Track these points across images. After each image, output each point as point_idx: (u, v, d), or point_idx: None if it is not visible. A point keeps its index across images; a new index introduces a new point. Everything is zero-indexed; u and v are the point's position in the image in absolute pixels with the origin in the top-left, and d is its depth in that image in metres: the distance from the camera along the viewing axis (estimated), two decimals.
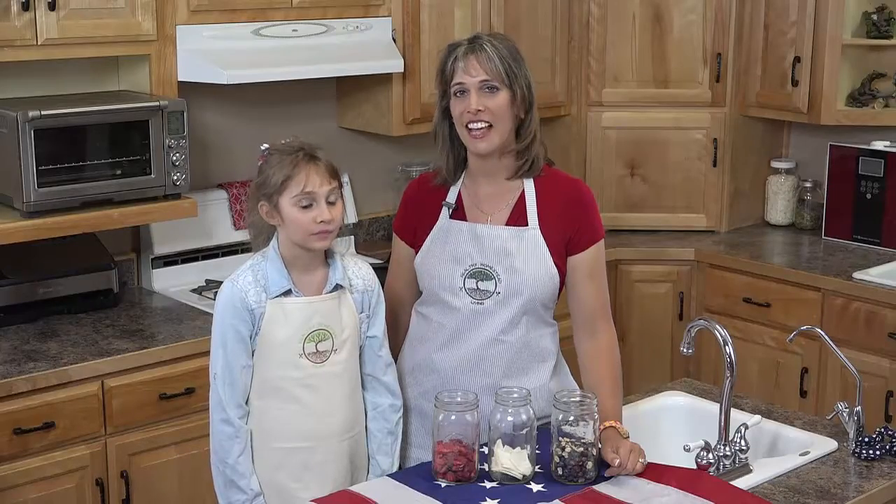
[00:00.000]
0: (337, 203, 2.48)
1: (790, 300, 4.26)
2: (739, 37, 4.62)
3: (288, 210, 2.45)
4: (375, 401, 2.64)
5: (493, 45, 2.56)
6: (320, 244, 2.47)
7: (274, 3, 3.79)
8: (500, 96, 2.55)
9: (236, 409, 2.48)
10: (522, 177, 2.64)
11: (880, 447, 2.64)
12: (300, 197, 2.44)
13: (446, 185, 2.69)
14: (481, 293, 2.61)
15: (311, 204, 2.44)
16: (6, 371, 3.15)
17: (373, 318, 2.61)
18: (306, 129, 4.19)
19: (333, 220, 2.46)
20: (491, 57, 2.54)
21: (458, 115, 2.58)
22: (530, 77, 2.61)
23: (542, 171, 2.65)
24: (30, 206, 3.31)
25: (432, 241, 2.67)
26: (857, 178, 4.49)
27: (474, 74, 2.55)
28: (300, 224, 2.45)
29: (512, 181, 2.64)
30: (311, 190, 2.44)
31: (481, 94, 2.55)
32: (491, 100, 2.55)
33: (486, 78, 2.55)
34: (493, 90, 2.55)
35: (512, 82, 2.55)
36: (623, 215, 4.75)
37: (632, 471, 2.45)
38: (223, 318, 2.48)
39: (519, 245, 2.61)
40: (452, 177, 2.68)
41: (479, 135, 2.56)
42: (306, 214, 2.44)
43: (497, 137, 2.57)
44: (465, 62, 2.56)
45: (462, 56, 2.57)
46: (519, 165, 2.63)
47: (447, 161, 2.67)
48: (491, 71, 2.54)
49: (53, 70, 3.61)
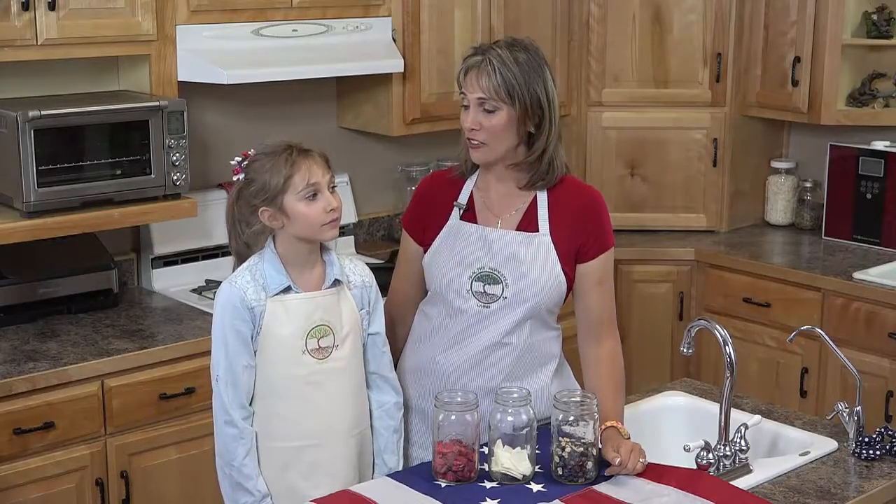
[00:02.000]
0: (336, 192, 2.50)
1: (790, 300, 4.26)
2: (739, 37, 4.63)
3: (294, 206, 2.45)
4: (380, 399, 2.64)
5: (502, 60, 2.52)
6: (332, 233, 2.48)
7: (274, 3, 3.79)
8: (497, 116, 2.53)
9: (240, 410, 2.48)
10: (534, 188, 2.62)
11: (880, 447, 2.64)
12: (306, 190, 2.44)
13: (463, 179, 2.69)
14: (488, 297, 2.61)
15: (317, 195, 2.45)
16: (6, 371, 3.15)
17: (373, 314, 2.61)
18: (306, 129, 4.21)
19: (339, 207, 2.48)
20: (492, 75, 2.51)
21: (462, 125, 2.59)
22: (544, 91, 2.55)
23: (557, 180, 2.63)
24: (30, 206, 3.31)
25: (441, 242, 2.67)
26: (857, 178, 4.49)
27: (472, 91, 2.54)
28: (310, 217, 2.45)
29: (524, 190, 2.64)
30: (316, 181, 2.44)
31: (478, 112, 2.54)
32: (487, 119, 2.54)
33: (483, 97, 2.53)
34: (492, 109, 2.53)
35: (514, 100, 2.52)
36: (623, 215, 4.75)
37: (632, 471, 2.45)
38: (223, 319, 2.48)
39: (528, 251, 2.60)
40: (469, 171, 2.68)
41: (475, 146, 2.57)
42: (314, 207, 2.45)
43: (491, 154, 2.57)
44: (466, 79, 2.56)
45: (464, 71, 2.57)
46: (529, 177, 2.61)
47: (467, 158, 2.66)
48: (489, 90, 2.52)
49: (53, 70, 3.61)
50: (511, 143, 2.57)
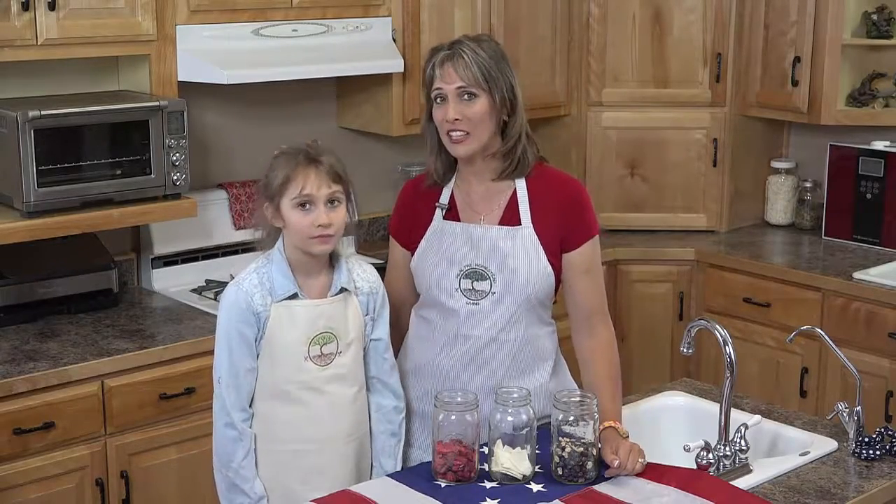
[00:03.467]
0: (339, 208, 2.46)
1: (790, 300, 4.26)
2: (739, 37, 4.62)
3: (288, 212, 2.44)
4: (379, 402, 2.63)
5: (473, 51, 2.55)
6: (319, 248, 2.46)
7: (274, 3, 3.79)
8: (478, 103, 2.55)
9: (240, 412, 2.48)
10: (510, 177, 2.64)
11: (880, 447, 2.64)
12: (298, 199, 2.43)
13: (438, 187, 2.69)
14: (477, 293, 2.62)
15: (309, 207, 2.43)
16: (6, 371, 3.15)
17: (377, 320, 2.60)
18: (306, 130, 4.20)
19: (333, 225, 2.44)
20: (469, 64, 2.53)
21: (438, 122, 2.59)
22: (513, 79, 2.60)
23: (531, 170, 2.65)
24: (30, 206, 3.31)
25: (427, 243, 2.67)
26: (857, 178, 4.49)
27: (451, 81, 2.55)
28: (299, 227, 2.44)
29: (501, 181, 2.65)
30: (309, 192, 2.42)
31: (459, 102, 2.55)
32: (468, 108, 2.54)
33: (463, 85, 2.54)
34: (472, 97, 2.54)
35: (491, 87, 2.54)
36: (623, 215, 4.75)
37: (631, 471, 2.45)
38: (228, 321, 2.47)
39: (512, 244, 2.61)
40: (442, 179, 2.68)
41: (459, 139, 2.57)
42: (305, 218, 2.43)
43: (475, 143, 2.57)
44: (441, 69, 2.56)
45: (440, 63, 2.57)
46: (504, 166, 2.63)
47: (436, 163, 2.67)
48: (468, 78, 2.53)
49: (53, 70, 3.61)
50: (491, 131, 2.58)
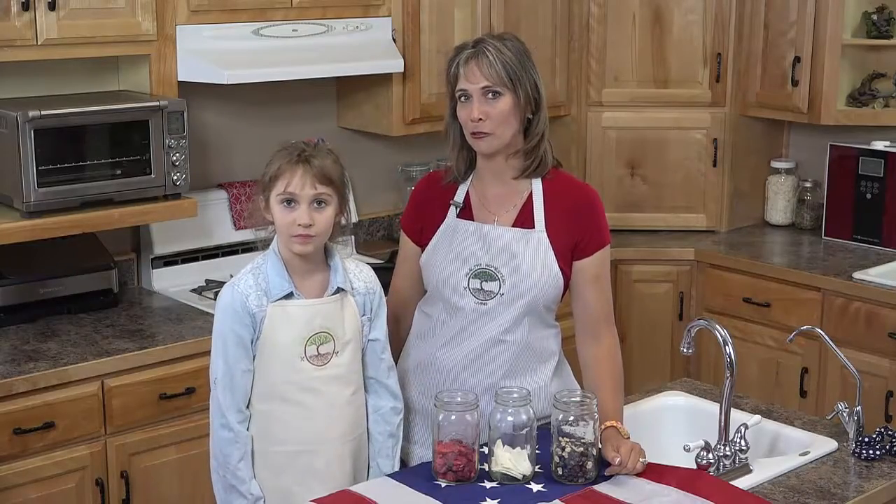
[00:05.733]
0: (325, 210, 2.45)
1: (790, 300, 4.26)
2: (739, 37, 4.62)
3: (273, 207, 2.45)
4: (377, 403, 2.63)
5: (497, 49, 2.55)
6: (298, 248, 2.45)
7: (274, 3, 3.79)
8: (502, 101, 2.55)
9: (236, 413, 2.48)
10: (529, 177, 2.64)
11: (880, 447, 2.64)
12: (283, 196, 2.43)
13: (456, 184, 2.70)
14: (485, 293, 2.62)
15: (293, 205, 2.43)
16: (6, 371, 3.15)
17: (374, 320, 2.60)
18: (306, 129, 4.18)
19: (314, 226, 2.43)
20: (493, 62, 2.54)
21: (463, 121, 2.60)
22: (537, 77, 2.61)
23: (549, 172, 2.65)
24: (30, 206, 3.31)
25: (438, 240, 2.67)
26: (857, 178, 4.49)
27: (475, 81, 2.55)
28: (281, 224, 2.44)
29: (520, 181, 2.65)
30: (293, 191, 2.42)
31: (483, 101, 2.55)
32: (493, 106, 2.55)
33: (488, 84, 2.55)
34: (496, 95, 2.55)
35: (516, 85, 2.55)
36: (623, 215, 4.75)
37: (632, 470, 2.45)
38: (224, 323, 2.47)
39: (524, 247, 2.61)
40: (462, 176, 2.69)
41: (482, 136, 2.57)
42: (287, 215, 2.43)
43: (498, 141, 2.58)
44: (466, 68, 2.57)
45: (464, 62, 2.57)
46: (526, 165, 2.63)
47: (457, 160, 2.68)
48: (492, 77, 2.54)
49: (53, 70, 3.61)
50: (515, 129, 2.58)
